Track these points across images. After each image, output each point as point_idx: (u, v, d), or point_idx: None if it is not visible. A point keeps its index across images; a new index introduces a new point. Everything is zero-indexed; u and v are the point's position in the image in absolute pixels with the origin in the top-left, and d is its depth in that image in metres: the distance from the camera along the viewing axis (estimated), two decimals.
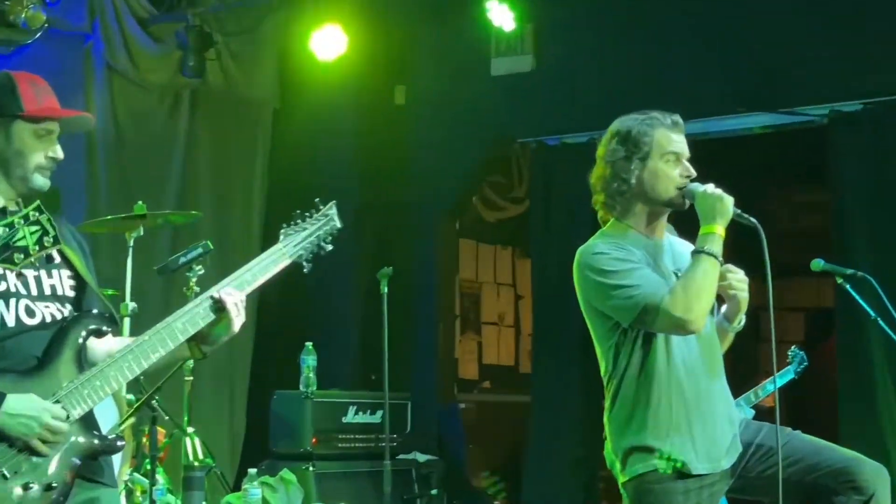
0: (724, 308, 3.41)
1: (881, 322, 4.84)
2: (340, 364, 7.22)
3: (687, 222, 3.43)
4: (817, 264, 4.97)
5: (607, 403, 3.33)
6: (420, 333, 7.53)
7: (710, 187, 3.26)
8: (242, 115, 7.70)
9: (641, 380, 3.24)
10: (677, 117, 3.37)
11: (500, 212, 9.07)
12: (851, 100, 6.14)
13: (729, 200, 3.23)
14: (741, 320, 3.38)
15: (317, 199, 3.10)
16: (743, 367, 5.10)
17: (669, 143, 3.32)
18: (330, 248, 3.05)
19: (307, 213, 3.05)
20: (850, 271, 4.95)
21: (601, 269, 3.23)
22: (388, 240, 7.61)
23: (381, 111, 7.70)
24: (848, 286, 4.94)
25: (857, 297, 4.93)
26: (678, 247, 3.45)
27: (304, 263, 3.02)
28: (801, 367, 5.95)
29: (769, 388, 5.64)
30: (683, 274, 3.22)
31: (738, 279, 3.34)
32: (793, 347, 6.00)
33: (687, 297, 3.13)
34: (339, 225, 3.08)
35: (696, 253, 3.21)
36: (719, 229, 3.22)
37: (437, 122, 7.56)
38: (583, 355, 6.70)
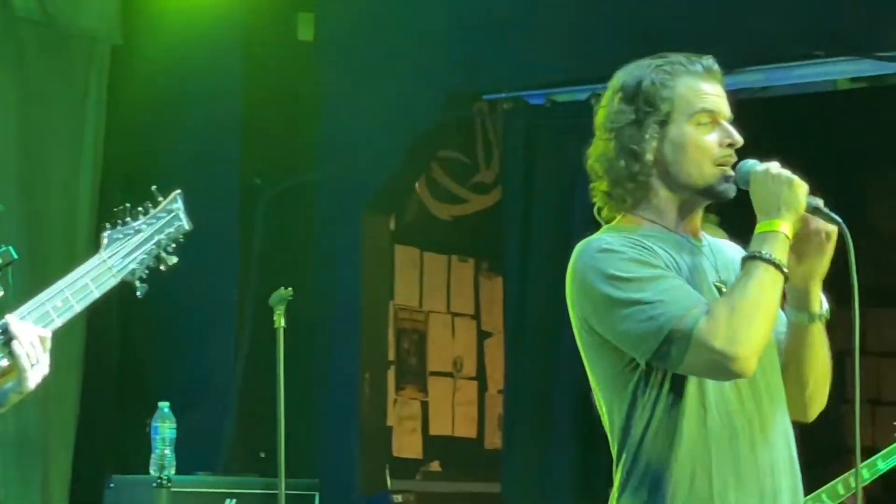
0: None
1: None
2: (212, 436, 7.23)
3: (738, 216, 3.42)
4: None
5: (616, 486, 3.31)
6: (334, 389, 7.56)
7: (775, 166, 3.25)
8: (65, 54, 7.70)
9: (668, 449, 3.22)
10: (711, 60, 3.37)
11: (457, 205, 9.07)
12: None
13: (801, 186, 3.21)
14: (823, 302, 3.31)
15: (153, 187, 3.08)
16: (821, 440, 5.11)
17: (700, 97, 3.32)
18: (174, 260, 3.04)
19: (139, 208, 3.04)
20: None
21: (609, 273, 3.19)
22: (287, 246, 7.60)
23: (277, 52, 7.74)
24: None
25: None
26: (725, 252, 3.44)
27: (137, 284, 3.03)
28: None
29: (867, 474, 5.64)
30: (730, 288, 3.21)
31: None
32: None
33: (733, 321, 3.09)
34: (186, 226, 3.07)
35: (749, 259, 3.18)
36: (784, 226, 3.19)
37: (361, 68, 7.59)
38: (580, 422, 6.76)
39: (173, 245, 3.07)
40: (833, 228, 3.24)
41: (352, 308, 7.65)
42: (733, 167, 3.30)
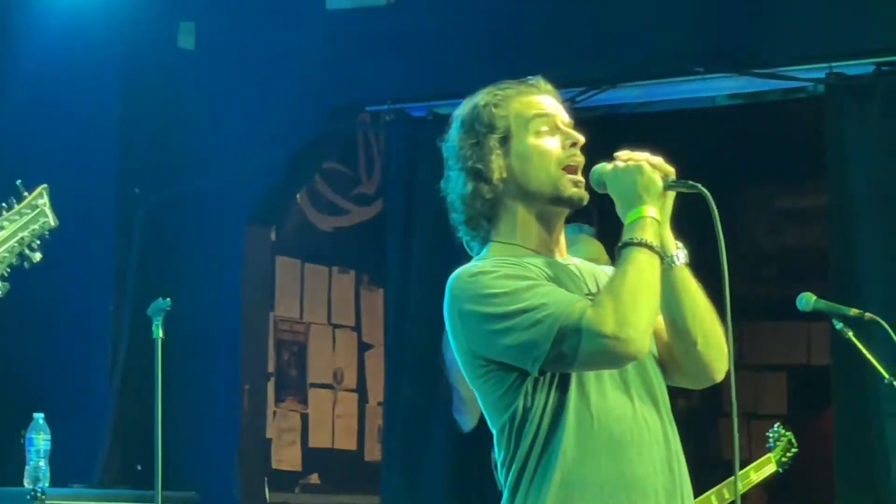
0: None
1: None
2: (88, 447, 7.14)
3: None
4: (807, 301, 5.06)
5: (506, 496, 3.32)
6: (212, 401, 7.52)
7: (621, 158, 3.30)
8: None
9: (558, 457, 3.24)
10: (539, 78, 3.44)
11: (339, 217, 9.07)
12: (859, 58, 6.29)
13: (651, 170, 3.27)
14: (678, 245, 3.34)
15: (18, 182, 3.04)
16: (697, 453, 5.16)
17: (533, 106, 3.39)
18: (38, 256, 3.00)
19: (3, 204, 2.99)
20: (853, 311, 5.06)
21: (485, 293, 3.22)
22: (165, 256, 7.54)
23: (156, 59, 7.67)
24: (850, 334, 5.05)
25: (863, 350, 5.04)
26: (590, 268, 3.48)
27: None
28: (789, 455, 6.06)
29: (741, 485, 5.70)
30: (610, 277, 3.25)
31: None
32: (775, 426, 6.11)
33: (620, 305, 3.13)
34: (52, 222, 3.02)
35: (623, 247, 3.23)
36: (649, 210, 3.25)
37: (244, 79, 7.57)
38: (459, 435, 6.75)
39: (38, 241, 3.02)
40: (670, 170, 3.30)
41: (232, 319, 7.62)
42: (584, 174, 3.36)
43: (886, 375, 4.98)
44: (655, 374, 3.37)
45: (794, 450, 6.08)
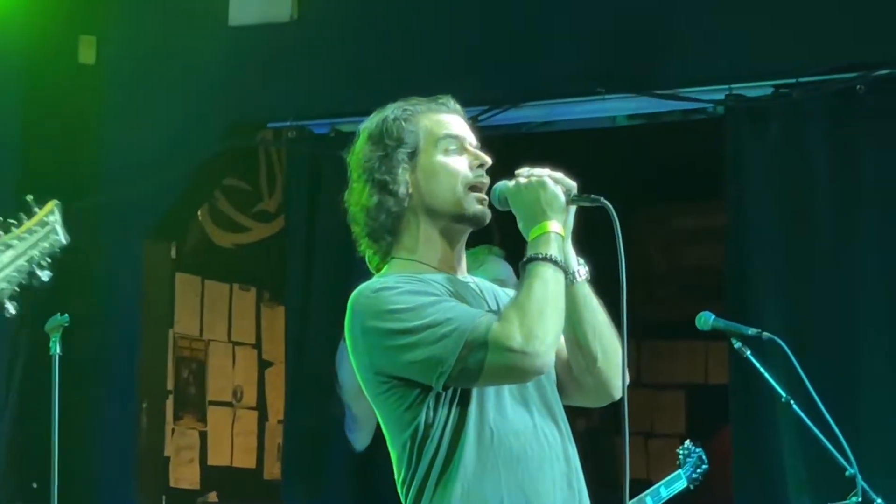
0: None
1: (794, 406, 5.01)
2: None
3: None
4: (705, 321, 5.10)
5: None
6: (110, 419, 7.46)
7: (523, 175, 3.31)
8: None
9: (458, 474, 3.25)
10: (448, 98, 3.44)
11: (240, 234, 9.02)
12: (757, 80, 6.36)
13: (554, 185, 3.28)
14: (579, 261, 3.36)
15: (29, 197, 3.00)
16: (598, 471, 5.17)
17: (443, 125, 3.39)
18: (48, 275, 2.97)
19: (11, 221, 2.94)
20: (751, 331, 5.10)
21: (390, 309, 3.21)
22: (65, 271, 7.44)
23: (56, 74, 7.62)
24: (748, 353, 5.10)
25: (760, 369, 5.09)
26: (488, 285, 3.49)
27: (7, 303, 3.01)
28: (699, 472, 6.10)
29: (651, 501, 5.76)
30: (515, 293, 3.25)
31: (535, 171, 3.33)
32: (686, 443, 6.15)
33: (526, 320, 3.13)
34: (63, 240, 2.99)
35: (527, 262, 3.24)
36: (553, 225, 3.26)
37: (145, 93, 7.53)
38: (359, 453, 6.75)
39: (48, 259, 2.97)
40: (572, 185, 3.31)
41: (130, 336, 7.56)
42: (487, 192, 3.37)
43: (784, 394, 5.03)
44: (553, 392, 3.38)
45: (704, 466, 6.14)
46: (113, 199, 7.50)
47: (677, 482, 6.06)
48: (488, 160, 3.37)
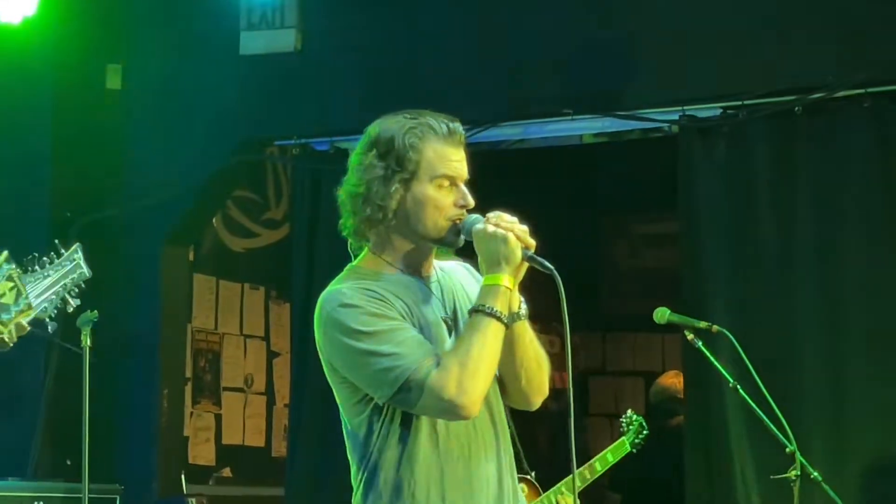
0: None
1: (741, 391, 5.03)
2: (20, 444, 7.06)
3: None
4: (662, 314, 5.13)
5: (356, 498, 3.36)
6: (135, 403, 7.45)
7: (492, 221, 3.28)
8: None
9: (404, 468, 3.27)
10: (457, 125, 3.36)
11: (250, 239, 9.01)
12: (707, 103, 6.39)
13: (515, 242, 3.24)
14: (522, 303, 3.34)
15: (56, 241, 3.12)
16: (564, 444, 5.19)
17: (443, 163, 3.32)
18: (77, 302, 3.07)
19: (45, 258, 3.04)
20: (702, 324, 5.14)
21: (350, 328, 3.23)
22: (94, 273, 7.43)
23: (86, 98, 7.58)
24: (700, 343, 5.12)
25: (710, 358, 5.11)
26: (453, 280, 3.47)
27: (48, 321, 3.18)
28: (641, 437, 6.14)
29: (600, 466, 5.78)
30: (458, 341, 3.25)
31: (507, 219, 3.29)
32: (628, 412, 6.18)
33: (462, 374, 3.14)
34: (87, 273, 3.11)
35: (476, 312, 3.23)
36: (505, 279, 3.24)
37: (165, 115, 7.51)
38: None
39: (76, 289, 3.11)
40: (531, 244, 3.27)
41: (153, 329, 7.55)
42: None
43: (731, 380, 5.05)
44: (495, 394, 3.39)
45: (644, 432, 6.17)
46: (136, 208, 7.50)
47: (622, 448, 6.08)
48: (472, 202, 3.33)
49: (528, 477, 5.32)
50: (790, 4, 6.29)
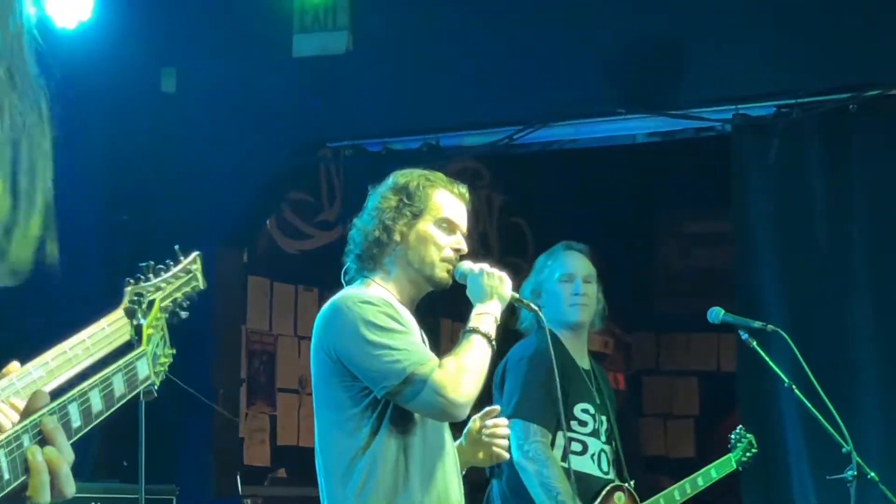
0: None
1: (796, 390, 4.99)
2: (78, 445, 7.00)
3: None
4: (716, 315, 5.08)
5: (345, 490, 3.65)
6: (190, 405, 7.41)
7: (486, 269, 3.74)
8: None
9: (378, 463, 3.60)
10: (465, 189, 3.89)
11: (304, 241, 9.04)
12: (760, 101, 6.35)
13: (509, 283, 3.74)
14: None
15: (176, 247, 3.08)
16: (624, 447, 5.16)
17: (448, 208, 3.82)
18: (186, 315, 3.03)
19: (160, 266, 2.97)
20: (757, 324, 5.09)
21: (369, 321, 3.60)
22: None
23: (141, 101, 7.63)
24: (755, 343, 5.07)
25: (765, 358, 5.06)
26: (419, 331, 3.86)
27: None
28: (749, 454, 5.81)
29: (702, 482, 5.60)
30: (457, 352, 3.61)
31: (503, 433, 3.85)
32: (738, 428, 5.88)
33: (461, 377, 3.53)
34: (202, 285, 3.07)
35: (472, 332, 3.65)
36: (497, 311, 3.73)
37: (219, 118, 7.54)
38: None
39: (188, 301, 3.02)
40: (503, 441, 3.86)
41: (207, 331, 7.57)
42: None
43: (786, 380, 5.01)
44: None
45: (753, 450, 5.89)
46: (191, 210, 7.53)
47: (727, 465, 5.89)
48: (465, 249, 3.82)
49: (628, 486, 5.20)
50: (844, 1, 6.24)
